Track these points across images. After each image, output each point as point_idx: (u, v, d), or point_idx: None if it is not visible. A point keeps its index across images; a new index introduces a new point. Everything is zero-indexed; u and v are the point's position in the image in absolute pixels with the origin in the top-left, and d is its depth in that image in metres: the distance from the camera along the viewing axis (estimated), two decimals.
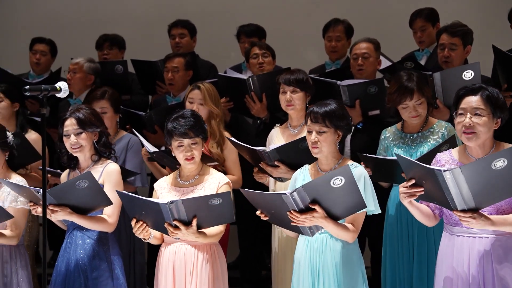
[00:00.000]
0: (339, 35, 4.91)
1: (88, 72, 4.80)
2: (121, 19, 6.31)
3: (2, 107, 4.20)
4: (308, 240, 3.05)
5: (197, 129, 3.14)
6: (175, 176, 3.24)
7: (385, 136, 3.73)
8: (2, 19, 6.57)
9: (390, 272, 3.60)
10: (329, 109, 3.04)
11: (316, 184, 2.80)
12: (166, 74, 4.72)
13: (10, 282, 3.39)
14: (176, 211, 2.90)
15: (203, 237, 3.04)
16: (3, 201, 3.37)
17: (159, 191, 3.23)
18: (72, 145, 3.32)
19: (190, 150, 3.12)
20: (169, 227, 2.95)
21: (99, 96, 4.11)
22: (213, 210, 2.91)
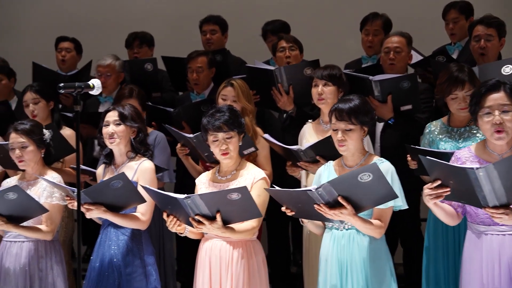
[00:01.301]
0: (376, 29, 4.84)
1: (119, 71, 4.85)
2: (150, 16, 6.34)
3: (39, 108, 4.26)
4: (335, 236, 3.02)
5: (231, 123, 3.12)
6: (215, 171, 3.23)
7: (430, 130, 3.66)
8: (28, 19, 6.66)
9: (433, 270, 3.54)
10: (353, 105, 3.00)
11: (343, 180, 2.78)
12: (191, 75, 4.72)
13: (46, 277, 3.45)
14: (195, 206, 2.89)
15: (231, 232, 2.99)
16: (38, 197, 3.44)
17: (199, 186, 3.24)
18: (109, 135, 3.38)
19: (225, 144, 3.11)
20: (193, 222, 2.94)
21: (127, 95, 4.16)
22: (235, 205, 2.87)
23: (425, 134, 3.68)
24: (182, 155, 3.98)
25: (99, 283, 3.33)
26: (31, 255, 3.44)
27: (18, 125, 3.52)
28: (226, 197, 2.85)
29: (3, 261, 3.46)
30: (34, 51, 6.02)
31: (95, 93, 3.18)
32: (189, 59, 4.75)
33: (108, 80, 4.76)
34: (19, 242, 3.46)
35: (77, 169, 3.08)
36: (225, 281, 3.06)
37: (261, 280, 3.12)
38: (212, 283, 3.09)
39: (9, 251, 3.46)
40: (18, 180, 3.57)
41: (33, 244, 3.45)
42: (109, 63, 4.79)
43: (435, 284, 3.52)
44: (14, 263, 3.43)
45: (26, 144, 3.48)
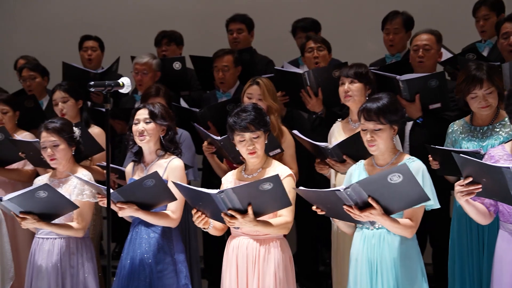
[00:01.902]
0: (397, 28, 4.80)
1: (156, 69, 4.88)
2: (178, 15, 6.37)
3: (68, 107, 4.31)
4: (365, 236, 3.00)
5: (258, 122, 3.11)
6: (241, 169, 3.23)
7: (453, 130, 3.62)
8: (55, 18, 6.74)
9: (459, 270, 3.50)
10: (381, 104, 2.97)
11: (373, 181, 2.76)
12: (217, 74, 4.73)
13: (77, 273, 3.49)
14: (229, 200, 2.88)
15: (264, 226, 2.98)
16: (69, 194, 3.48)
17: (225, 185, 3.23)
18: (139, 132, 3.40)
19: (252, 144, 3.10)
20: (226, 217, 2.93)
21: (154, 94, 4.19)
22: (266, 195, 2.86)
23: (448, 134, 3.65)
24: (208, 153, 3.99)
25: (130, 281, 3.36)
26: (63, 252, 3.48)
27: (48, 123, 3.56)
28: (258, 188, 2.84)
29: (36, 257, 3.51)
30: (62, 50, 6.09)
31: (124, 91, 3.21)
32: (215, 58, 4.76)
33: (144, 78, 4.79)
34: (51, 239, 3.51)
35: (107, 166, 3.11)
36: (251, 279, 3.05)
37: (288, 278, 3.10)
38: (239, 280, 3.08)
39: (41, 248, 3.51)
40: (49, 178, 3.62)
41: (64, 241, 3.50)
42: (146, 61, 4.81)
43: (460, 283, 3.49)
44: (46, 260, 3.48)
45: (57, 143, 3.52)
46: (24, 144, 4.08)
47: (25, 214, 3.32)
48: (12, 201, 3.28)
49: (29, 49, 5.92)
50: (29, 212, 3.32)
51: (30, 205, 3.30)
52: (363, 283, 2.96)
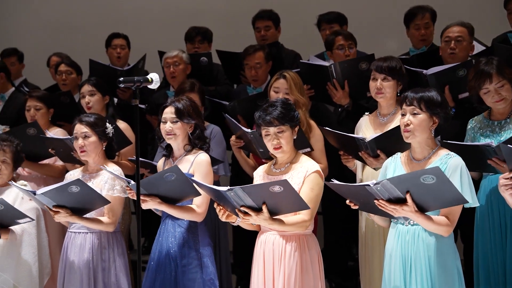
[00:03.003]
0: (427, 22, 4.76)
1: (187, 62, 4.90)
2: (204, 12, 6.38)
3: (95, 100, 4.36)
4: (400, 232, 2.95)
5: (282, 117, 3.09)
6: (271, 164, 3.23)
7: (472, 126, 3.58)
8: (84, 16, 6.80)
9: (482, 266, 3.46)
10: (425, 94, 2.94)
11: (404, 179, 2.71)
12: (249, 71, 4.70)
13: (108, 268, 3.53)
14: (238, 198, 2.88)
15: (279, 224, 2.96)
16: (100, 189, 3.51)
17: (255, 178, 3.24)
18: (167, 132, 3.41)
19: (277, 139, 3.09)
20: (240, 213, 2.93)
21: (189, 89, 4.19)
22: (279, 197, 2.85)
23: (468, 130, 3.60)
24: (235, 148, 3.98)
25: (157, 274, 3.38)
26: (95, 246, 3.52)
27: (83, 117, 3.62)
28: (268, 190, 2.83)
29: (68, 252, 3.56)
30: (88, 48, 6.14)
31: (153, 86, 3.21)
32: (246, 55, 4.72)
33: (177, 69, 4.81)
34: (83, 233, 3.55)
35: (136, 160, 3.12)
36: (277, 275, 3.04)
37: (315, 275, 3.08)
38: (265, 276, 3.08)
39: (73, 242, 3.56)
40: (80, 173, 3.66)
41: (96, 235, 3.54)
42: (176, 54, 4.86)
43: (485, 280, 3.45)
44: (79, 255, 3.52)
45: (88, 134, 3.56)
46: (54, 141, 4.13)
47: (58, 208, 3.36)
48: (45, 195, 3.32)
49: (56, 47, 5.97)
50: (62, 206, 3.36)
51: (63, 199, 3.34)
52: (396, 280, 2.92)
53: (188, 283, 3.32)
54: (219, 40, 5.63)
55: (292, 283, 3.01)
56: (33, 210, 3.68)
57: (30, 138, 4.22)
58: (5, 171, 3.75)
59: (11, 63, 5.88)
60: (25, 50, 6.07)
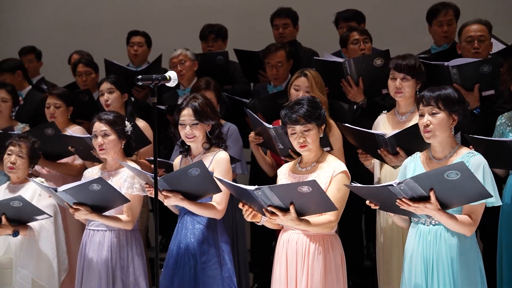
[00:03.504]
0: (450, 19, 4.71)
1: (193, 59, 4.90)
2: (222, 10, 6.37)
3: (113, 98, 4.37)
4: (421, 232, 2.91)
5: (309, 115, 3.06)
6: (296, 162, 3.20)
7: (501, 122, 3.54)
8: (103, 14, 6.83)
9: (507, 267, 3.41)
10: (442, 92, 2.89)
11: (428, 176, 2.68)
12: (270, 70, 4.68)
13: (127, 266, 3.53)
14: (267, 197, 2.87)
15: (306, 225, 2.94)
16: (119, 187, 3.51)
17: (279, 177, 3.22)
18: (187, 135, 3.40)
19: (303, 137, 3.06)
20: (267, 213, 2.91)
21: (204, 87, 4.18)
22: (307, 198, 2.83)
23: (497, 126, 3.56)
24: (254, 145, 3.97)
25: (176, 271, 3.38)
26: (113, 244, 3.52)
27: (102, 115, 3.63)
28: (296, 190, 2.81)
29: (86, 249, 3.57)
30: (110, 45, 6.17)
31: (171, 85, 3.21)
32: (267, 54, 4.69)
33: (184, 67, 4.81)
34: (101, 231, 3.56)
35: (154, 160, 3.12)
36: (300, 274, 3.02)
37: (338, 276, 3.05)
38: (288, 275, 3.06)
39: (92, 240, 3.56)
40: (99, 170, 3.67)
41: (114, 233, 3.54)
42: (181, 53, 4.87)
43: (509, 280, 3.40)
44: (97, 252, 3.53)
45: (108, 132, 3.57)
46: (74, 139, 4.15)
47: (79, 205, 3.37)
48: (67, 192, 3.34)
49: (74, 45, 5.99)
50: (82, 204, 3.38)
51: (84, 197, 3.35)
52: (418, 281, 2.88)
53: (208, 280, 3.32)
54: (237, 38, 5.63)
55: (315, 284, 2.99)
56: (51, 206, 3.71)
57: (48, 138, 4.25)
58: (20, 166, 3.78)
59: (29, 60, 5.93)
60: (43, 48, 6.10)
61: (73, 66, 5.29)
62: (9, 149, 3.80)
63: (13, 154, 3.77)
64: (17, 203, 3.50)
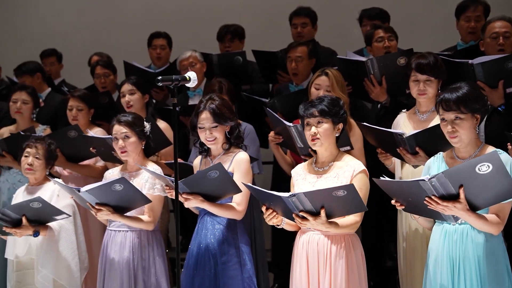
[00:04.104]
0: (479, 15, 4.64)
1: (202, 61, 4.92)
2: (241, 10, 6.37)
3: (135, 99, 4.38)
4: (446, 231, 2.88)
5: (324, 110, 3.05)
6: (311, 162, 3.19)
7: None
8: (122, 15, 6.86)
9: None
10: (461, 93, 2.83)
11: (460, 170, 2.63)
12: (290, 64, 4.68)
13: (148, 267, 3.54)
14: (300, 203, 2.88)
15: (335, 227, 2.95)
16: (141, 188, 3.53)
17: (295, 178, 3.20)
18: (208, 138, 3.39)
19: (316, 130, 3.06)
20: (297, 218, 2.92)
21: (217, 90, 4.18)
22: (340, 201, 2.84)
23: None
24: (273, 144, 3.96)
25: (196, 271, 3.38)
26: (135, 245, 3.53)
27: (121, 117, 3.63)
28: (331, 194, 2.81)
29: (108, 250, 3.59)
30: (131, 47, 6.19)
31: (191, 85, 3.21)
32: (289, 49, 4.71)
33: (194, 69, 4.79)
34: (123, 232, 3.57)
35: (175, 161, 3.11)
36: (323, 275, 3.01)
37: (360, 275, 3.05)
38: (310, 276, 3.05)
39: (113, 240, 3.58)
40: (120, 172, 3.68)
41: (136, 234, 3.56)
42: (190, 55, 4.88)
43: None
44: (119, 253, 3.54)
45: (128, 135, 3.58)
46: (96, 140, 4.17)
47: (101, 206, 3.39)
48: (89, 192, 3.36)
49: (96, 47, 6.02)
50: (104, 204, 3.39)
51: (106, 197, 3.37)
52: (443, 282, 2.84)
53: (229, 281, 3.31)
54: (255, 38, 5.62)
55: (339, 284, 2.98)
56: (69, 206, 3.74)
57: (71, 140, 4.28)
58: (38, 167, 3.81)
59: (50, 63, 5.99)
60: (64, 50, 6.15)
61: (92, 68, 5.32)
62: (26, 151, 3.83)
63: (30, 156, 3.81)
64: (36, 204, 3.53)
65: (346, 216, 2.98)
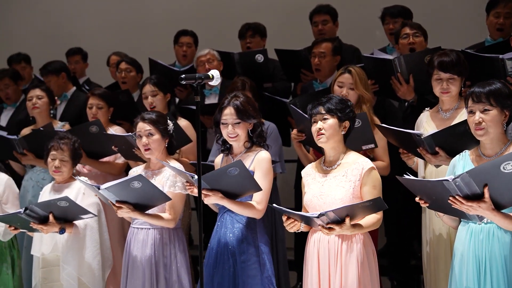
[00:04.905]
0: (508, 12, 4.56)
1: (219, 59, 4.92)
2: (262, 8, 6.37)
3: (157, 100, 4.39)
4: (472, 231, 2.85)
5: (331, 108, 3.08)
6: (320, 161, 3.20)
7: None
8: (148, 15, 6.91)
9: None
10: (493, 87, 2.82)
11: (484, 169, 2.60)
12: (313, 60, 4.66)
13: (170, 264, 3.56)
14: (326, 219, 2.93)
15: (359, 229, 2.98)
16: (162, 186, 3.54)
17: (305, 178, 3.22)
18: (230, 134, 3.39)
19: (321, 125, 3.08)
20: (323, 230, 2.95)
21: (240, 88, 4.18)
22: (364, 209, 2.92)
23: None
24: (296, 142, 3.95)
25: (215, 270, 3.38)
26: (157, 242, 3.55)
27: (145, 115, 3.65)
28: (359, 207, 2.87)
29: (131, 247, 3.61)
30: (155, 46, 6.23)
31: (214, 83, 3.21)
32: (314, 45, 4.71)
33: (211, 66, 4.81)
34: (145, 229, 3.59)
35: (198, 159, 3.10)
36: (333, 273, 3.02)
37: (372, 272, 3.05)
38: (320, 275, 3.06)
39: (136, 237, 3.60)
40: (143, 170, 3.70)
41: (158, 231, 3.57)
42: (208, 52, 4.90)
43: None
44: (141, 250, 3.56)
45: (152, 132, 3.60)
46: (117, 138, 4.20)
47: (121, 204, 3.41)
48: (109, 189, 3.38)
49: (121, 46, 6.07)
50: (125, 202, 3.41)
51: (126, 195, 3.39)
52: (469, 281, 2.82)
53: (248, 280, 3.31)
54: (277, 37, 5.60)
55: (351, 282, 2.98)
56: (94, 205, 3.77)
57: (92, 136, 4.29)
58: (64, 168, 3.85)
59: (75, 62, 6.04)
60: (90, 49, 6.20)
61: (116, 65, 5.34)
62: (52, 154, 3.85)
63: (56, 159, 3.84)
64: (63, 203, 3.57)
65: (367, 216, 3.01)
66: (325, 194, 3.08)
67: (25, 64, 6.08)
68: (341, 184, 3.06)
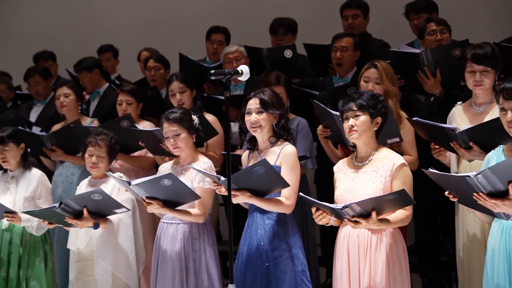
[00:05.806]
0: None
1: (246, 56, 4.91)
2: (292, 2, 6.35)
3: (186, 97, 4.41)
4: (504, 226, 2.81)
5: (362, 104, 3.07)
6: (352, 157, 3.20)
7: None
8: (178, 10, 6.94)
9: None
10: None
11: (507, 166, 2.56)
12: (334, 54, 4.65)
13: (199, 258, 3.58)
14: (352, 210, 2.92)
15: (386, 224, 2.97)
16: (191, 181, 3.57)
17: (337, 173, 3.22)
18: (252, 123, 3.40)
19: (353, 122, 3.07)
20: (350, 223, 2.95)
21: (274, 82, 4.18)
22: (390, 202, 2.90)
23: None
24: (322, 138, 3.94)
25: (248, 267, 3.39)
26: (186, 237, 3.58)
27: (169, 114, 3.65)
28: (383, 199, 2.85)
29: (161, 242, 3.64)
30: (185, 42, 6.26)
31: (243, 79, 3.21)
32: (335, 39, 4.69)
33: (239, 64, 4.78)
34: (175, 224, 3.62)
35: (227, 153, 3.11)
36: (363, 267, 3.02)
37: (401, 268, 3.04)
38: (350, 269, 3.06)
39: (166, 232, 3.63)
40: (172, 165, 3.73)
41: (187, 226, 3.60)
42: (236, 49, 4.88)
43: None
44: (171, 244, 3.59)
45: (178, 132, 3.61)
46: (144, 134, 4.23)
47: (151, 200, 3.44)
48: (139, 186, 3.41)
49: (151, 42, 6.11)
50: (155, 198, 3.44)
51: (155, 191, 3.42)
52: (500, 278, 2.79)
53: (281, 275, 3.31)
54: (306, 31, 5.58)
55: (379, 276, 2.98)
56: (129, 201, 3.79)
57: (123, 131, 4.33)
58: (101, 164, 3.88)
59: (107, 59, 6.11)
60: (121, 46, 6.26)
61: (145, 60, 5.38)
62: (89, 150, 3.89)
63: (93, 155, 3.88)
64: (97, 196, 3.59)
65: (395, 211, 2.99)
66: (356, 189, 3.08)
67: (51, 62, 6.19)
68: (372, 179, 3.06)
